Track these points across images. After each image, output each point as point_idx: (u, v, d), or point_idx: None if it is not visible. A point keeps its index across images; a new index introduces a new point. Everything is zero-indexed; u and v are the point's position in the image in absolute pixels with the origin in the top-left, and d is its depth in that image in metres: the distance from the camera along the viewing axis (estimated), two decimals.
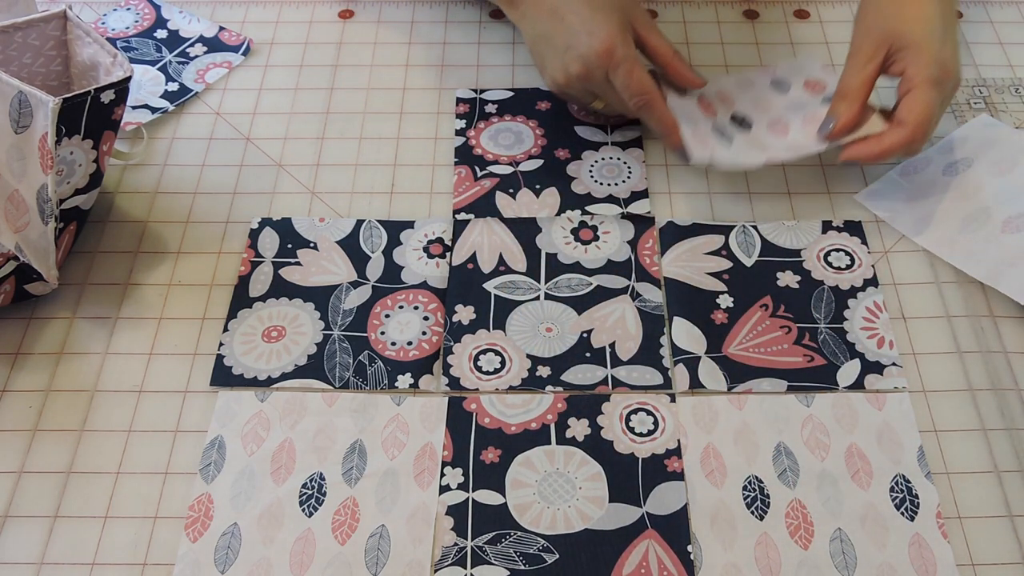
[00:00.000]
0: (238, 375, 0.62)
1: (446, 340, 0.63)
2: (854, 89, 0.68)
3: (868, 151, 0.66)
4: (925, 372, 0.62)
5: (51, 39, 0.66)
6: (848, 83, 0.68)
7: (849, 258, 0.68)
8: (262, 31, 0.84)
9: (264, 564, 0.54)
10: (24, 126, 0.60)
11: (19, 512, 0.56)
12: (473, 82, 0.80)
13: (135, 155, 0.74)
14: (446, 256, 0.68)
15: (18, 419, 0.60)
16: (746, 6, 0.87)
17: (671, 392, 0.61)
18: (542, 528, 0.55)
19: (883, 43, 0.67)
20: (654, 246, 0.69)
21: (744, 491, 0.57)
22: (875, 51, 0.67)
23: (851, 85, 0.68)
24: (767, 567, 0.54)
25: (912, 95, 0.65)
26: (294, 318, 0.65)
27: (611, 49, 0.66)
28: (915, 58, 0.65)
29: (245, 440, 0.59)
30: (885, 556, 0.54)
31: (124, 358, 0.63)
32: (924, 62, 0.65)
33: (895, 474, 0.57)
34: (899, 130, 0.65)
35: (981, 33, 0.85)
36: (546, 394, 0.61)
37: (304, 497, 0.57)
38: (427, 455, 0.58)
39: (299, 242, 0.69)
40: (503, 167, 0.73)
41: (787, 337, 0.64)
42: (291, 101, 0.79)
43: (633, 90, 0.67)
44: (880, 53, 0.67)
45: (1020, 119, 0.76)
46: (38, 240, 0.61)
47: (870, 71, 0.67)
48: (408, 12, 0.86)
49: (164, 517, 0.56)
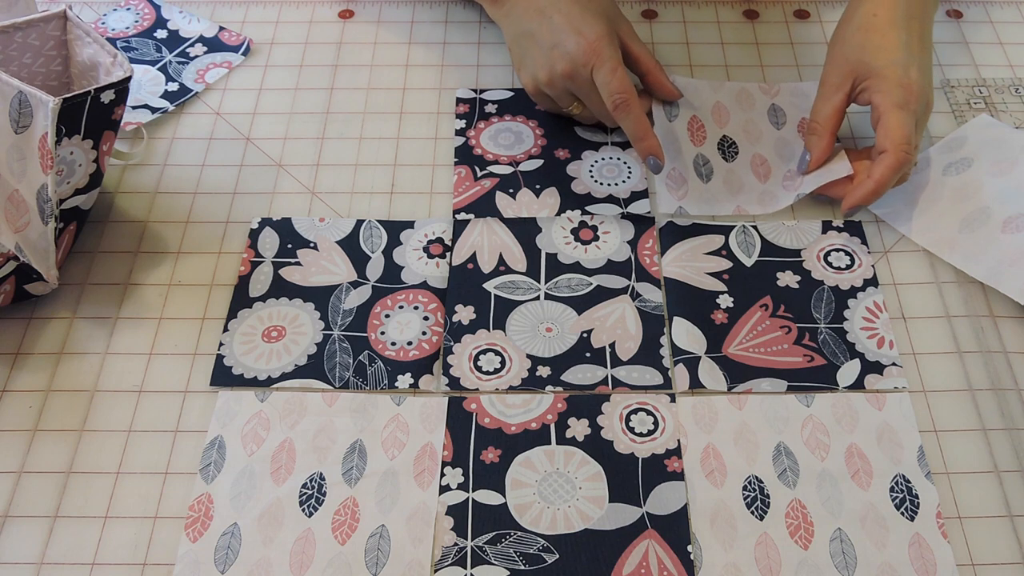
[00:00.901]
0: (238, 375, 0.62)
1: (446, 340, 0.63)
2: (823, 121, 0.70)
3: (864, 191, 0.66)
4: (925, 372, 0.62)
5: (51, 39, 0.66)
6: (817, 115, 0.71)
7: (849, 258, 0.68)
8: (262, 31, 0.84)
9: (264, 564, 0.54)
10: (24, 126, 0.60)
11: (19, 512, 0.56)
12: (473, 82, 0.80)
13: (135, 155, 0.74)
14: (446, 256, 0.68)
15: (18, 419, 0.60)
16: (746, 6, 0.87)
17: (671, 392, 0.61)
18: (542, 528, 0.55)
19: (849, 74, 0.69)
20: (654, 246, 0.69)
21: (744, 491, 0.57)
22: (842, 81, 0.69)
23: (820, 117, 0.70)
24: (767, 567, 0.54)
25: (882, 122, 0.66)
26: (294, 318, 0.65)
27: (597, 47, 0.67)
28: (879, 86, 0.67)
29: (245, 440, 0.59)
30: (885, 556, 0.54)
31: (124, 358, 0.63)
32: (887, 89, 0.67)
33: (895, 474, 0.57)
34: (883, 157, 0.65)
35: (981, 33, 0.85)
36: (546, 394, 0.61)
37: (304, 497, 0.57)
38: (427, 455, 0.58)
39: (299, 242, 0.69)
40: (503, 167, 0.73)
41: (787, 337, 0.64)
42: (291, 101, 0.79)
43: (613, 87, 0.67)
44: (847, 83, 0.69)
45: (1020, 119, 0.76)
46: (38, 240, 0.61)
47: (837, 102, 0.70)
48: (408, 12, 0.86)
49: (164, 517, 0.56)
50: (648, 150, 0.69)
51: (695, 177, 0.72)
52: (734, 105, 0.76)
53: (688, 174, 0.72)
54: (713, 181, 0.72)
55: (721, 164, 0.73)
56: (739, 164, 0.73)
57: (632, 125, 0.69)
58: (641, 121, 0.69)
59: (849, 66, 0.69)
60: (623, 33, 0.72)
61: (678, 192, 0.71)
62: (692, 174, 0.72)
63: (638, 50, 0.73)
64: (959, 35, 0.84)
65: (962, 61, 0.82)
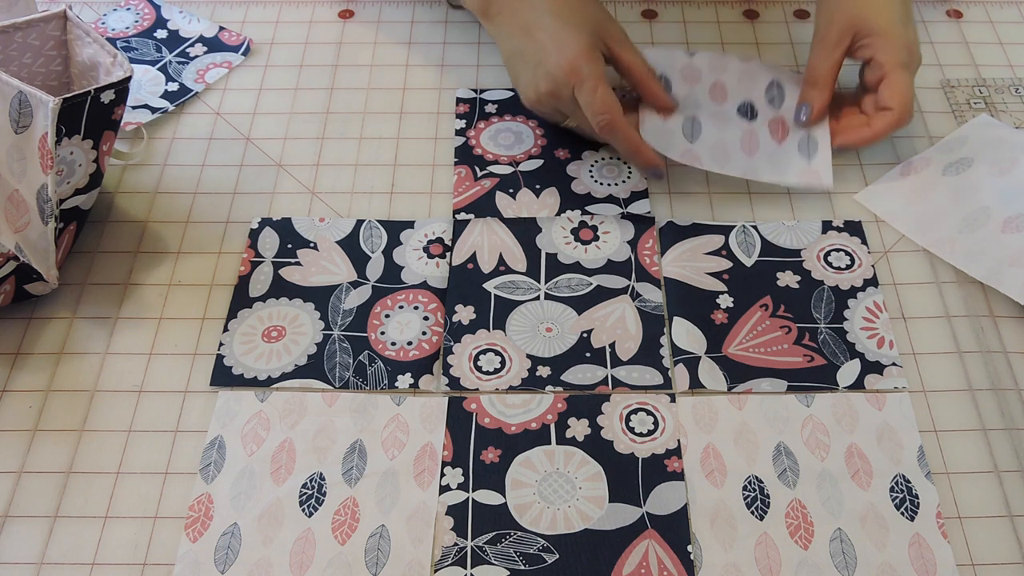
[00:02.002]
0: (238, 375, 0.62)
1: (446, 340, 0.63)
2: (823, 75, 0.72)
3: (860, 136, 0.71)
4: (925, 372, 0.62)
5: (51, 39, 0.66)
6: (817, 70, 0.72)
7: (849, 258, 0.68)
8: (262, 31, 0.84)
9: (264, 564, 0.54)
10: (24, 126, 0.60)
11: (19, 512, 0.56)
12: (473, 82, 0.80)
13: (135, 155, 0.74)
14: (446, 256, 0.68)
15: (18, 419, 0.60)
16: (746, 6, 0.87)
17: (671, 392, 0.61)
18: (542, 528, 0.55)
19: (848, 30, 0.71)
20: (654, 246, 0.69)
21: (744, 491, 0.57)
22: (840, 37, 0.71)
23: (820, 71, 0.72)
24: (767, 567, 0.54)
25: (890, 81, 0.69)
26: (294, 318, 0.65)
27: (576, 66, 0.65)
28: (883, 44, 0.70)
29: (245, 440, 0.59)
30: (885, 556, 0.54)
31: (124, 358, 0.63)
32: (893, 48, 0.69)
33: (895, 474, 0.57)
34: (887, 114, 0.70)
35: (981, 33, 0.85)
36: (546, 394, 0.61)
37: (304, 497, 0.57)
38: (427, 455, 0.58)
39: (299, 242, 0.69)
40: (503, 167, 0.73)
41: (787, 337, 0.64)
42: (291, 101, 0.79)
43: (596, 108, 0.65)
44: (846, 39, 0.71)
45: (1020, 119, 0.76)
46: (38, 240, 0.61)
47: (837, 57, 0.71)
48: (408, 12, 0.86)
49: (164, 517, 0.56)
50: (645, 163, 0.68)
51: (681, 136, 0.72)
52: (736, 84, 0.75)
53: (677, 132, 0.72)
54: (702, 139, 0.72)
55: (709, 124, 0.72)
56: (728, 135, 0.72)
57: (622, 143, 0.68)
58: (630, 138, 0.67)
59: (848, 21, 0.71)
60: (612, 40, 0.69)
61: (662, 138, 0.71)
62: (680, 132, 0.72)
63: (629, 58, 0.69)
64: (959, 35, 0.84)
65: (962, 61, 0.82)
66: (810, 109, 0.72)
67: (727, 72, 0.76)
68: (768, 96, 0.75)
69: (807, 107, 0.72)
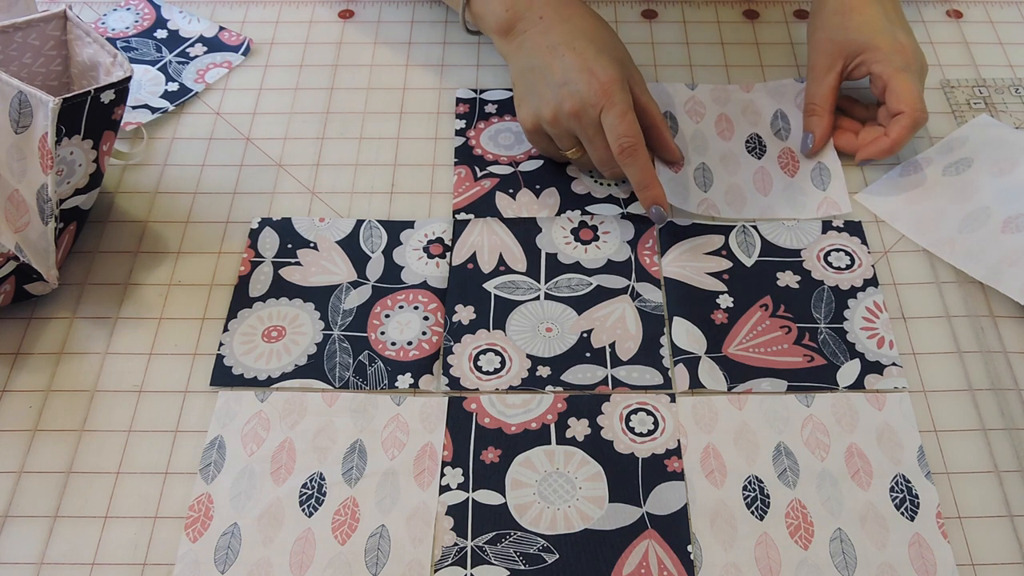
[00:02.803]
0: (238, 375, 0.62)
1: (446, 340, 0.63)
2: (820, 103, 0.73)
3: (880, 147, 0.71)
4: (925, 372, 0.62)
5: (51, 39, 0.66)
6: (813, 98, 0.74)
7: (849, 258, 0.68)
8: (262, 31, 0.84)
9: (264, 564, 0.54)
10: (24, 126, 0.60)
11: (19, 512, 0.56)
12: (473, 82, 0.80)
13: (135, 155, 0.74)
14: (446, 256, 0.68)
15: (18, 419, 0.60)
16: (746, 6, 0.87)
17: (671, 392, 0.61)
18: (542, 528, 0.55)
19: (837, 54, 0.72)
20: (654, 246, 0.69)
21: (744, 491, 0.57)
22: (831, 63, 0.72)
23: (816, 99, 0.74)
24: (767, 567, 0.54)
25: (891, 87, 0.70)
26: (294, 318, 0.65)
27: (610, 90, 0.64)
28: (874, 56, 0.70)
29: (245, 440, 0.59)
30: (885, 556, 0.54)
31: (124, 358, 0.63)
32: (884, 57, 0.70)
33: (895, 474, 0.57)
34: (900, 118, 0.69)
35: (981, 33, 0.85)
36: (546, 394, 0.61)
37: (304, 497, 0.57)
38: (427, 455, 0.58)
39: (299, 242, 0.69)
40: (503, 167, 0.73)
41: (787, 337, 0.64)
42: (291, 101, 0.79)
43: (621, 130, 0.64)
44: (837, 63, 0.72)
45: (1020, 119, 0.76)
46: (38, 240, 0.61)
47: (830, 82, 0.73)
48: (408, 12, 0.86)
49: (164, 517, 0.56)
50: (653, 199, 0.67)
51: (695, 187, 0.72)
52: (767, 100, 0.77)
53: (689, 184, 0.72)
54: (714, 188, 0.71)
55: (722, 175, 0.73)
56: (743, 178, 0.72)
57: (638, 172, 0.66)
58: (647, 168, 0.66)
59: (836, 47, 0.72)
60: (634, 83, 0.68)
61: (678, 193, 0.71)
62: (692, 184, 0.72)
63: (646, 101, 0.69)
64: (959, 35, 0.84)
65: (962, 61, 0.82)
66: (813, 138, 0.73)
67: (730, 103, 0.77)
68: (774, 128, 0.75)
69: (810, 136, 0.73)
